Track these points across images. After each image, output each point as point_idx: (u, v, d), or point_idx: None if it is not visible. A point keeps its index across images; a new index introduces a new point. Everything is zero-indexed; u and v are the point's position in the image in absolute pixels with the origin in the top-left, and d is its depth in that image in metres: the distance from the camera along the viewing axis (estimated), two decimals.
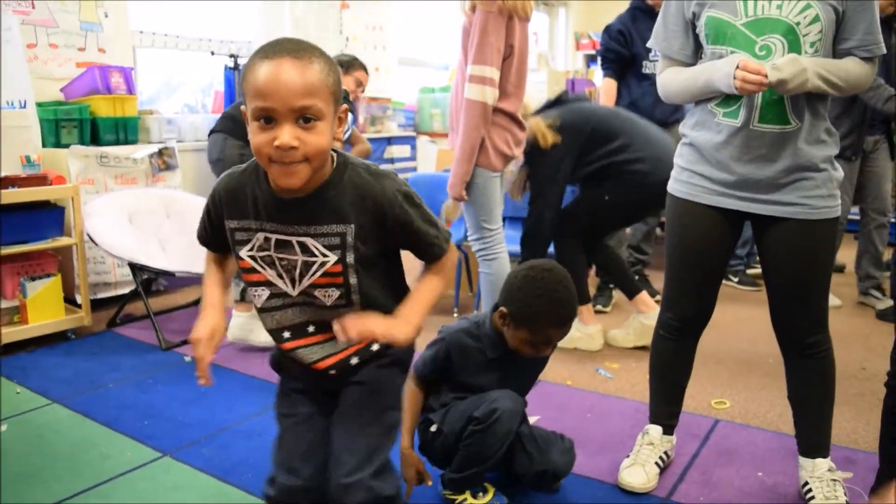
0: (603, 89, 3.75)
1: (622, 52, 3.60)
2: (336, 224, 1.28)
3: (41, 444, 2.26)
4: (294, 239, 1.29)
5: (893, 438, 1.63)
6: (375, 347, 1.40)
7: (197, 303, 3.79)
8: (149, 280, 3.64)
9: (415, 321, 1.30)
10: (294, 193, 1.25)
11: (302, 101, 1.15)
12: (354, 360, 1.40)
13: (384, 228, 1.31)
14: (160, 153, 3.81)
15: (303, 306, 1.36)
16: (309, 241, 1.29)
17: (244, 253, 1.33)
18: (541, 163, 2.96)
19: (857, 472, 2.02)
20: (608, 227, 3.22)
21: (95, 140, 3.65)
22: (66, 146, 3.46)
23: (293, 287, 1.33)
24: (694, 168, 1.86)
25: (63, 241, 3.18)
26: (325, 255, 1.29)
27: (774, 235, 1.82)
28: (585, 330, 3.16)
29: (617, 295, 3.76)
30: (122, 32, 4.01)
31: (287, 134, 1.15)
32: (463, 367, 1.87)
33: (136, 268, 3.22)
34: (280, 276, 1.33)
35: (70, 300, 3.33)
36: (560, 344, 3.09)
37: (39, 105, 3.50)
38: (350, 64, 3.68)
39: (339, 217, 1.28)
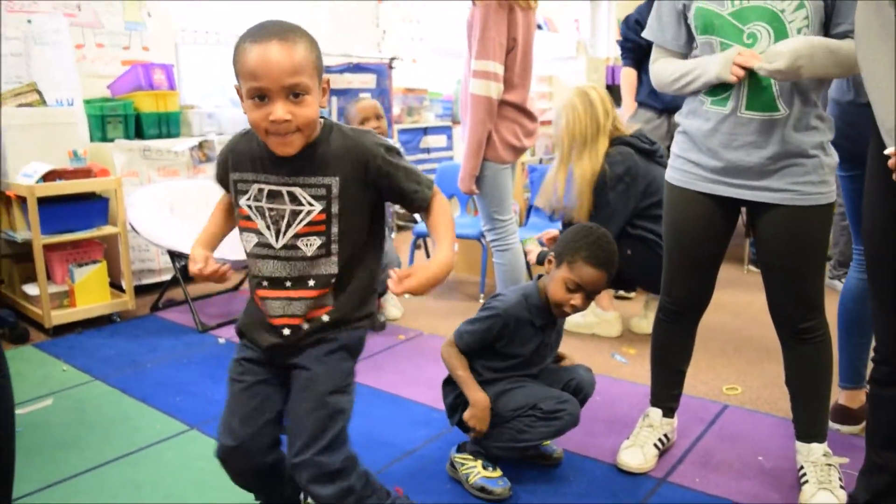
0: (623, 79, 3.79)
1: (639, 41, 3.63)
2: (323, 176, 1.42)
3: (81, 416, 2.45)
4: (284, 189, 1.43)
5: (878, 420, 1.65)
6: (326, 318, 1.49)
7: (234, 289, 3.97)
8: (187, 267, 3.82)
9: (451, 253, 1.45)
10: (287, 156, 1.40)
11: (291, 80, 1.30)
12: (306, 326, 1.49)
13: (367, 179, 1.44)
14: (200, 146, 3.99)
15: (284, 261, 1.47)
16: (297, 190, 1.43)
17: (243, 202, 1.48)
18: (606, 199, 2.91)
19: (857, 457, 2.04)
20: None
21: (139, 134, 3.85)
22: (112, 140, 3.67)
23: (277, 239, 1.46)
24: (686, 155, 1.91)
25: (108, 229, 3.39)
26: (311, 205, 1.43)
27: (766, 221, 1.85)
28: (604, 316, 3.21)
29: None
30: (165, 31, 4.21)
31: (280, 109, 1.31)
32: (513, 338, 1.99)
33: (174, 255, 3.40)
34: (268, 227, 1.46)
35: (117, 285, 3.54)
36: (577, 329, 3.22)
37: (87, 102, 3.72)
38: None
39: (325, 170, 1.42)
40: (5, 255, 3.59)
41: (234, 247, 1.66)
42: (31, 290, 3.30)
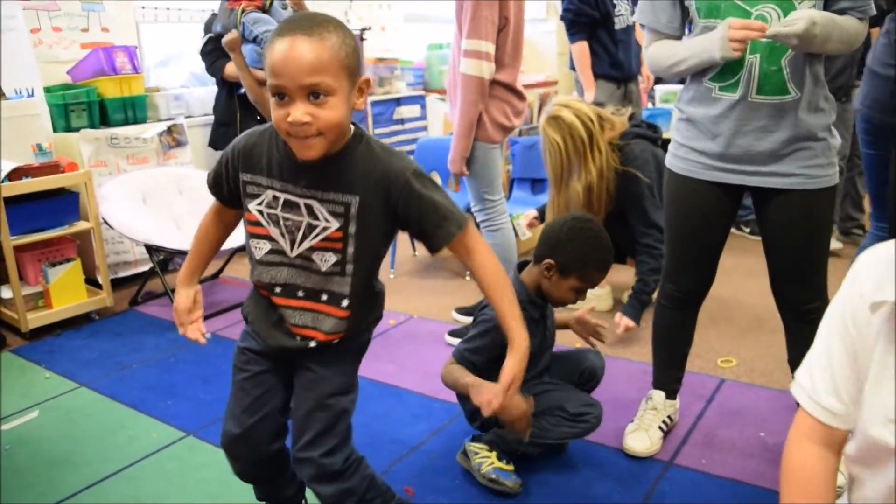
0: (578, 55, 3.62)
1: (594, 14, 3.56)
2: (343, 193, 1.33)
3: (71, 428, 2.37)
4: (302, 201, 1.35)
5: None
6: (335, 342, 1.46)
7: (214, 277, 3.88)
8: (166, 260, 3.72)
9: (524, 339, 1.35)
10: (308, 160, 1.29)
11: (310, 79, 1.19)
12: (312, 344, 1.45)
13: (388, 205, 1.34)
14: (169, 130, 3.85)
15: (298, 269, 1.41)
16: (315, 204, 1.34)
17: (253, 206, 1.40)
18: (654, 203, 2.76)
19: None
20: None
21: (105, 121, 3.70)
22: (77, 129, 3.52)
23: (291, 248, 1.39)
24: (691, 144, 1.86)
25: (80, 225, 3.26)
26: (327, 221, 1.34)
27: (774, 207, 1.82)
28: (595, 291, 3.20)
29: None
30: (125, 9, 4.02)
31: (299, 110, 1.20)
32: None
33: (152, 248, 3.29)
34: (282, 235, 1.39)
35: (92, 280, 3.43)
36: (570, 305, 3.19)
37: (47, 90, 3.55)
38: None
39: (346, 187, 1.32)
40: None
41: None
42: (3, 292, 3.18)
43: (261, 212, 1.39)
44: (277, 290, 1.43)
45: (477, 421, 2.03)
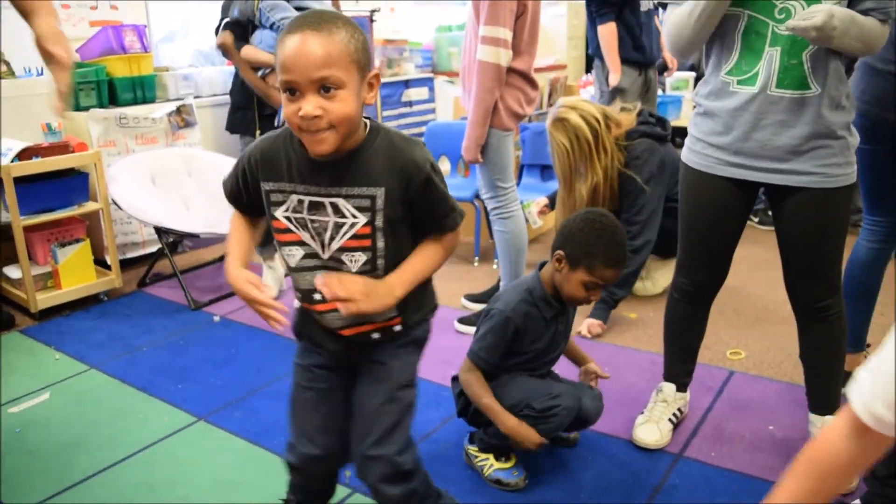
0: (607, 36, 3.58)
1: None
2: (367, 186, 1.32)
3: (82, 411, 2.39)
4: (326, 200, 1.34)
5: None
6: (398, 328, 1.45)
7: (221, 259, 3.87)
8: (175, 242, 3.72)
9: (398, 293, 1.35)
10: (326, 157, 1.29)
11: (319, 73, 1.20)
12: (376, 336, 1.45)
13: (407, 194, 1.34)
14: (178, 111, 3.83)
15: (332, 271, 1.39)
16: (340, 201, 1.33)
17: (280, 214, 1.38)
18: (644, 200, 2.83)
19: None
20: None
21: (114, 100, 3.68)
22: (85, 109, 3.50)
23: (323, 250, 1.38)
24: (708, 139, 1.85)
25: (89, 206, 3.25)
26: (354, 217, 1.34)
27: (790, 204, 1.81)
28: None
29: None
30: None
31: (309, 104, 1.21)
32: (525, 335, 1.93)
33: (161, 230, 3.29)
34: (313, 238, 1.38)
35: (101, 261, 3.43)
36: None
37: None
38: None
39: (370, 179, 1.32)
40: None
41: (224, 217, 1.52)
42: (12, 272, 3.18)
43: (288, 218, 1.38)
44: (317, 296, 1.40)
45: (467, 415, 2.03)
